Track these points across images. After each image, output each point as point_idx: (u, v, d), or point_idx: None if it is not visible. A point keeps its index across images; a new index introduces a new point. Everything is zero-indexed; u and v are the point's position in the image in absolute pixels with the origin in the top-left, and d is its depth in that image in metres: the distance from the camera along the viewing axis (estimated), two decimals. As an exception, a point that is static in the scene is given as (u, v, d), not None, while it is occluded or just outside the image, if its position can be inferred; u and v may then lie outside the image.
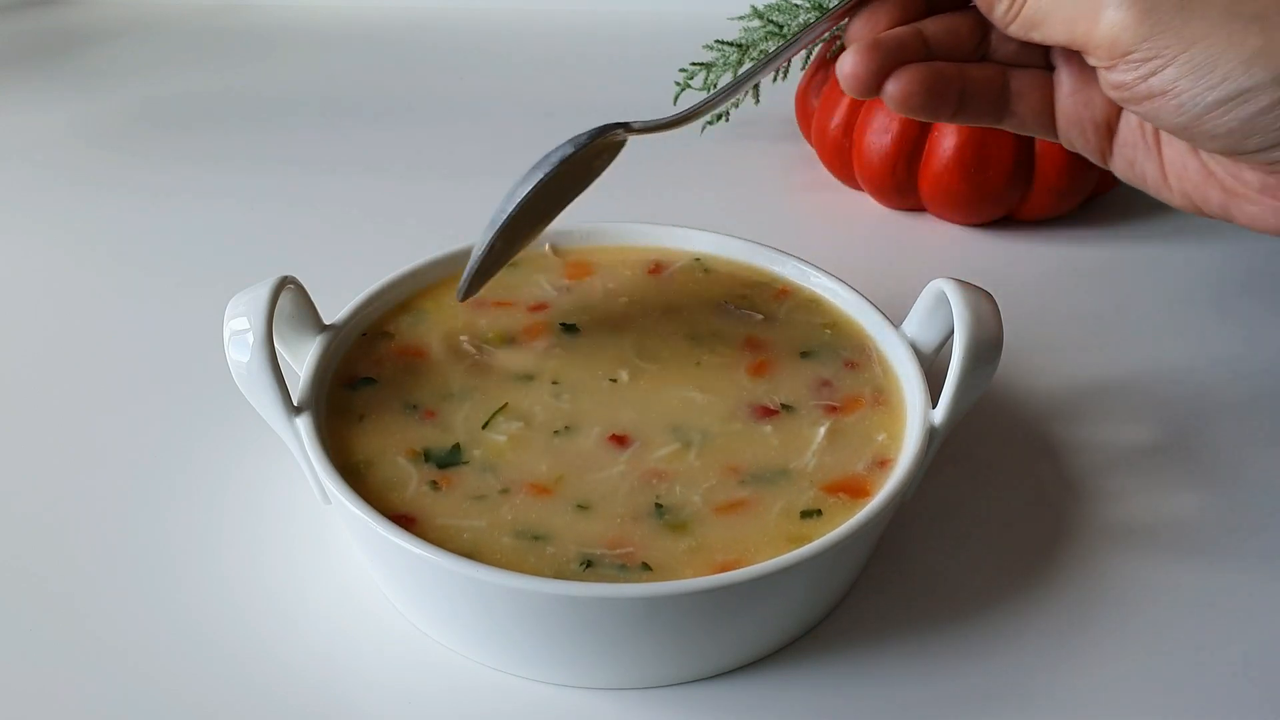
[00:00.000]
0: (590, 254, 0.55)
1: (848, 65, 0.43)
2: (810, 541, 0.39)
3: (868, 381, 0.48)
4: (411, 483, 0.43)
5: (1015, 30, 0.42)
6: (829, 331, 0.50)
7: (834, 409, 0.46)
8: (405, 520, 0.41)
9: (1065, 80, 0.44)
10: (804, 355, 0.49)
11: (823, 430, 0.45)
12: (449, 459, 0.44)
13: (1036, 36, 0.41)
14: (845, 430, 0.46)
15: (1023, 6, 0.41)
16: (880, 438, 0.45)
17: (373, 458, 0.44)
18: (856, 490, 0.43)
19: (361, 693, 0.41)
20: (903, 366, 0.47)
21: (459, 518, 0.41)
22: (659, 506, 0.42)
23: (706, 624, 0.40)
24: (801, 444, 0.45)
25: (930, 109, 0.43)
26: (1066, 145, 0.46)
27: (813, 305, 0.52)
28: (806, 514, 0.42)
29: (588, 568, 0.40)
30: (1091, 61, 0.40)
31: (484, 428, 0.45)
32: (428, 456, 0.44)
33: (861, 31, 0.44)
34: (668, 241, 0.55)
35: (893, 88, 0.43)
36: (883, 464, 0.44)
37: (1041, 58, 0.45)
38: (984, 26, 0.45)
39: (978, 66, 0.45)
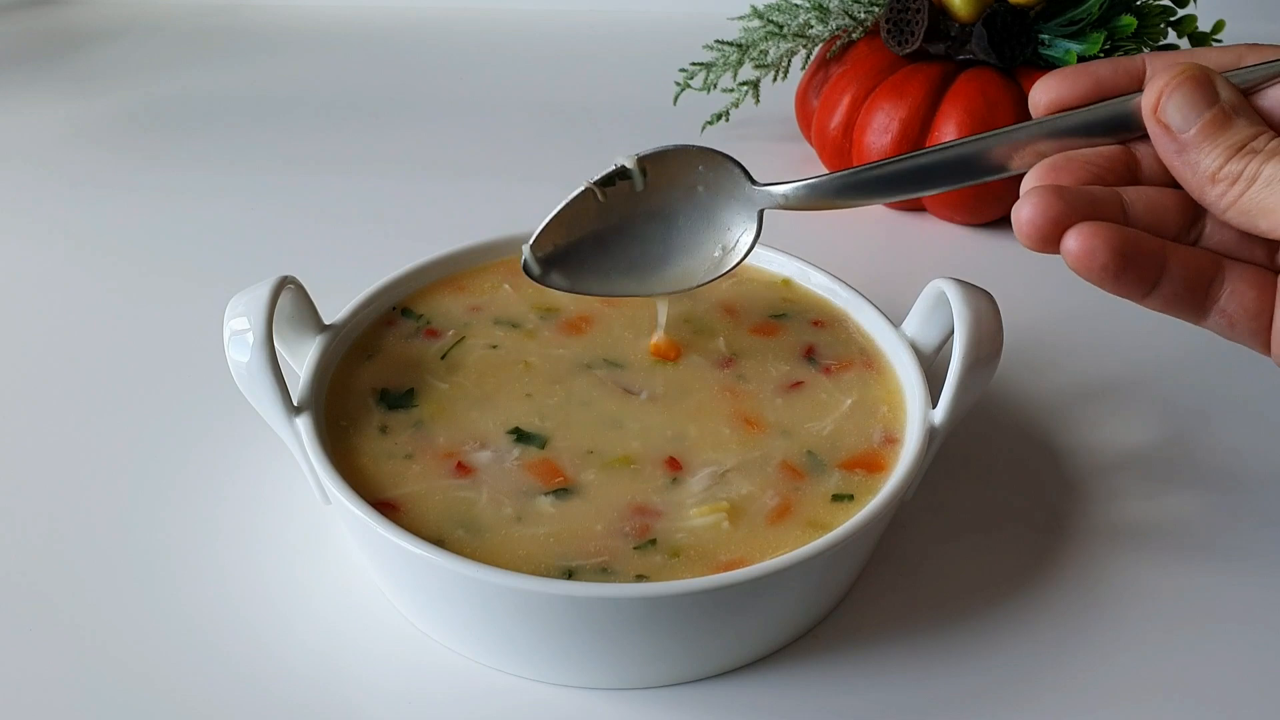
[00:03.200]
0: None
1: (1025, 210, 0.37)
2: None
3: (853, 347, 0.49)
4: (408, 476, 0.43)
5: (1233, 219, 0.36)
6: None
7: (828, 369, 0.47)
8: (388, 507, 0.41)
9: None
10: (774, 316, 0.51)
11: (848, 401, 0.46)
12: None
13: (1263, 227, 0.35)
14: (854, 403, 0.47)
15: (1242, 193, 0.36)
16: (883, 410, 0.46)
17: (372, 456, 0.44)
18: (873, 465, 0.44)
19: (361, 693, 0.41)
20: (903, 367, 0.47)
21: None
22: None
23: (706, 624, 0.39)
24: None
25: (1118, 278, 0.36)
26: (1278, 362, 0.38)
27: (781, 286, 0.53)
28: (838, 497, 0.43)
29: (601, 572, 0.40)
30: None
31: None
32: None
33: (1046, 176, 0.39)
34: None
35: (1074, 243, 0.36)
36: (891, 441, 0.45)
37: (1267, 254, 0.39)
38: (1197, 206, 0.38)
39: (1189, 249, 0.38)
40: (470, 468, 0.43)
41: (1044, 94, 0.41)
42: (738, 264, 0.46)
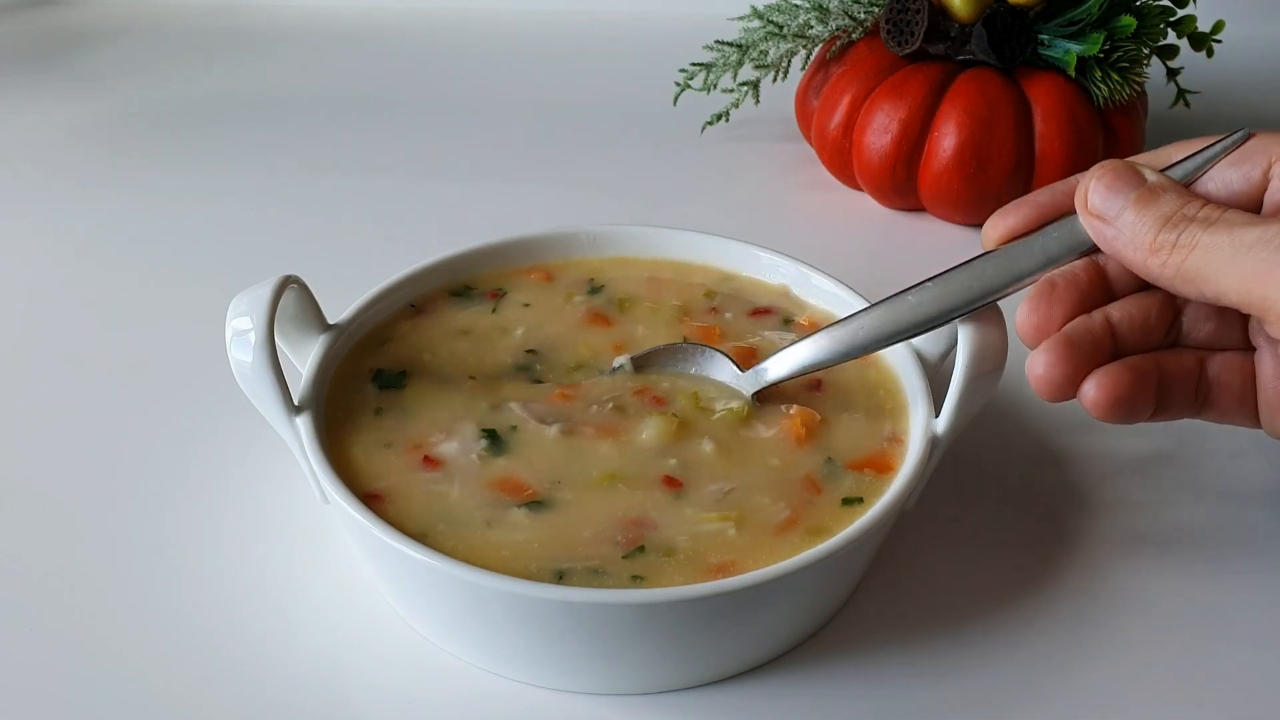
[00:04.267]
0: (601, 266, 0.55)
1: (1040, 368, 0.39)
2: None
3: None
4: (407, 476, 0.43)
5: (1180, 289, 0.37)
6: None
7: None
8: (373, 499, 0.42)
9: (1267, 360, 0.40)
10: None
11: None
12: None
13: (1209, 293, 0.37)
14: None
15: (1182, 261, 0.37)
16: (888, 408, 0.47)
17: (373, 456, 0.44)
18: (882, 465, 0.44)
19: (360, 695, 0.41)
20: (907, 375, 0.47)
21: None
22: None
23: (705, 630, 0.39)
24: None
25: (1135, 411, 0.40)
26: (1272, 435, 0.41)
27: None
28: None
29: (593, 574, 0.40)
30: (1274, 331, 0.36)
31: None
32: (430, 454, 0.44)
33: (1036, 319, 0.41)
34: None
35: (1096, 393, 0.39)
36: (896, 441, 0.45)
37: (1241, 337, 0.41)
38: (1175, 307, 0.41)
39: (1172, 355, 0.41)
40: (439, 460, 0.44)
41: (994, 231, 0.43)
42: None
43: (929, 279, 0.43)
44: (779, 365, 0.46)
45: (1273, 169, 0.40)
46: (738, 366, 0.47)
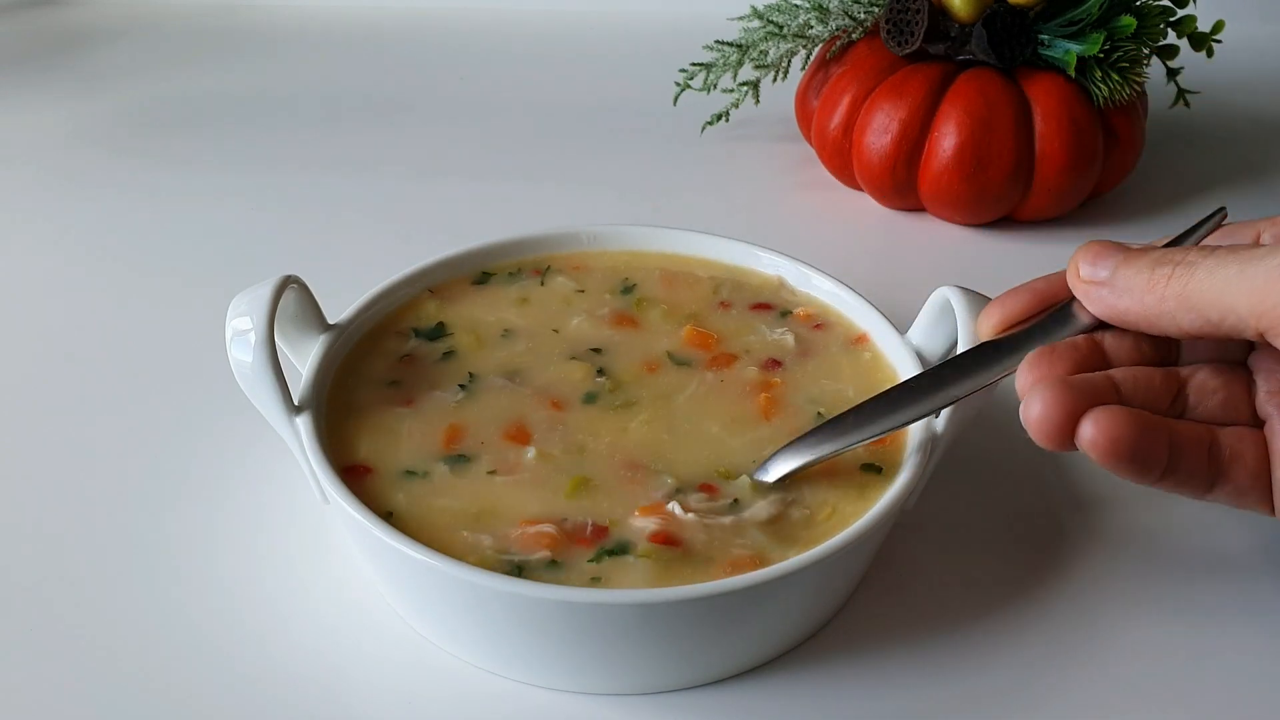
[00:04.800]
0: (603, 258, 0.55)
1: (1036, 408, 0.37)
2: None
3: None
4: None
5: (1178, 318, 0.36)
6: None
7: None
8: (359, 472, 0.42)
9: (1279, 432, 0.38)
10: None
11: None
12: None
13: (1214, 315, 0.35)
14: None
15: (1186, 283, 0.35)
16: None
17: (373, 457, 0.44)
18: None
19: (359, 695, 0.41)
20: (906, 374, 0.47)
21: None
22: None
23: (706, 630, 0.39)
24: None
25: (1140, 459, 0.36)
26: None
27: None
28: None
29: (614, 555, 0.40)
30: None
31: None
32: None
33: (1036, 375, 0.38)
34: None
35: (1093, 431, 0.36)
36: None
37: (1249, 411, 0.39)
38: (1179, 379, 0.39)
39: (1183, 423, 0.38)
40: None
41: (989, 320, 0.42)
42: None
43: (936, 372, 0.42)
44: (786, 465, 0.43)
45: (1261, 237, 0.40)
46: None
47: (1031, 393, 0.37)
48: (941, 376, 0.42)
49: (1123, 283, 0.38)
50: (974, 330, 0.43)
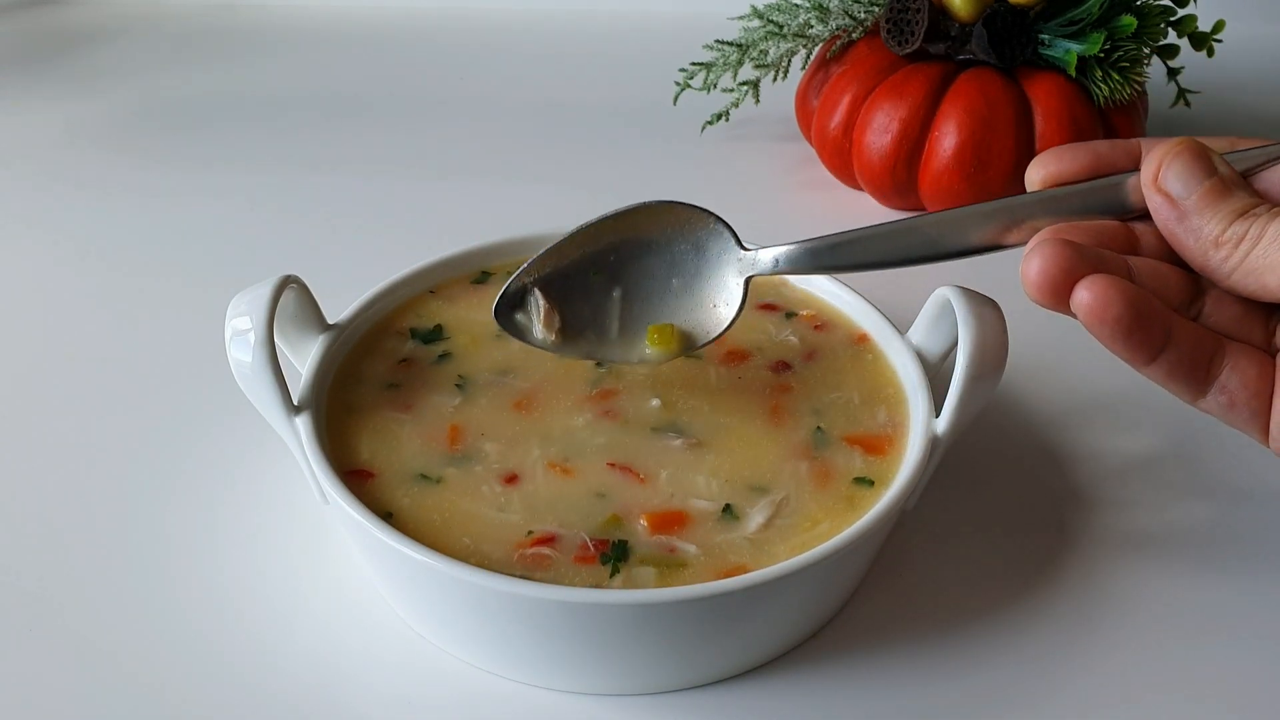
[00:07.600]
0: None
1: (1035, 261, 0.36)
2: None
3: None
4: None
5: (1238, 282, 0.35)
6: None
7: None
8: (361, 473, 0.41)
9: None
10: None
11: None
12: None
13: (1272, 285, 0.34)
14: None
15: (1247, 254, 0.35)
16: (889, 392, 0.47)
17: (374, 458, 0.44)
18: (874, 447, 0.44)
19: (358, 695, 0.41)
20: (907, 375, 0.47)
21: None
22: None
23: (706, 630, 0.39)
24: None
25: (1130, 334, 0.36)
26: (1278, 450, 0.38)
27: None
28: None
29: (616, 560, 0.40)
30: None
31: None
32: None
33: (1051, 235, 0.37)
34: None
35: (1088, 294, 0.35)
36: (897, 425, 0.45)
37: (1264, 336, 0.38)
38: (1197, 284, 0.38)
39: (1190, 322, 0.37)
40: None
41: (1041, 169, 0.41)
42: (723, 333, 0.46)
43: (958, 208, 0.41)
44: (785, 251, 0.43)
45: None
46: (739, 243, 0.45)
47: (1035, 247, 0.37)
48: (961, 221, 0.40)
49: (1195, 220, 0.36)
50: (975, 330, 0.43)
